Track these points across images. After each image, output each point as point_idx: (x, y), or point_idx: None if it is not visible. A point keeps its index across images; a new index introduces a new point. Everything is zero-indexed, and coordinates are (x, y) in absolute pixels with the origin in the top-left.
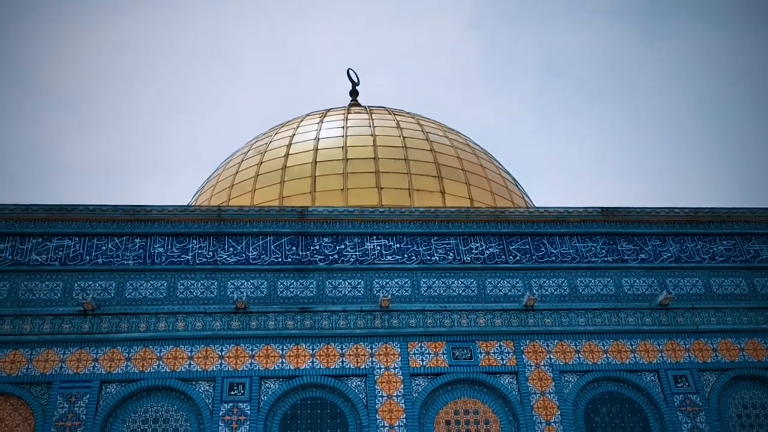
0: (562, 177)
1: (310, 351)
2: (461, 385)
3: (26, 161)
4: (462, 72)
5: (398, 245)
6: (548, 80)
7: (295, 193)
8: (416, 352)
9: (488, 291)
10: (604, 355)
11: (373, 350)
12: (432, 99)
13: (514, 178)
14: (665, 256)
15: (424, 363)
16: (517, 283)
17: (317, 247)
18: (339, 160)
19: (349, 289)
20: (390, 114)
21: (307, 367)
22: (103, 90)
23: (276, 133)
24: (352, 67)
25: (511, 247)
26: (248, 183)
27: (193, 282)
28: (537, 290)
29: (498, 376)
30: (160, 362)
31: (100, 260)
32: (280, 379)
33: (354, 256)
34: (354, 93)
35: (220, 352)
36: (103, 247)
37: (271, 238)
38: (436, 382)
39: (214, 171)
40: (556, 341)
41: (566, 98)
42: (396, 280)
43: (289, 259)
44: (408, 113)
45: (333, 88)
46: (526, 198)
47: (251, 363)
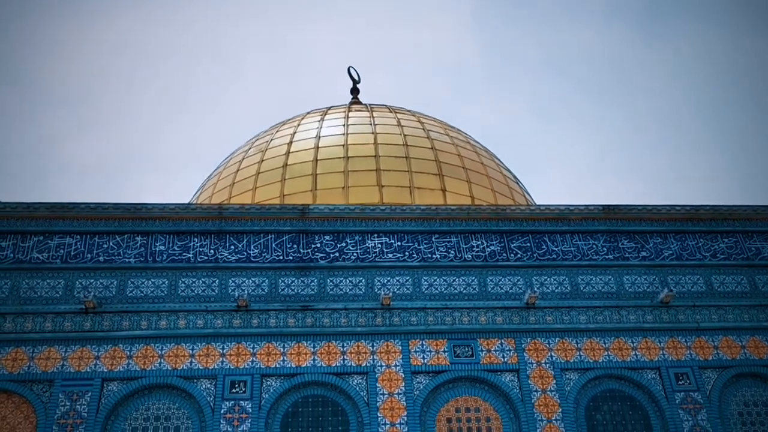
0: (563, 175)
1: (312, 349)
2: (462, 383)
3: (27, 160)
4: (463, 70)
5: (399, 243)
6: (549, 78)
7: (296, 191)
8: (417, 349)
9: (489, 289)
10: (606, 353)
11: (375, 348)
12: (433, 97)
13: (515, 176)
14: (666, 254)
15: (426, 361)
16: (519, 280)
17: (318, 245)
18: (340, 158)
19: (351, 287)
20: (391, 112)
21: (308, 364)
22: (103, 89)
23: (277, 131)
24: (353, 65)
25: (513, 245)
26: (249, 181)
27: (194, 280)
28: (538, 288)
29: (499, 373)
30: (162, 360)
31: (101, 258)
32: (282, 377)
33: (355, 254)
34: (355, 91)
35: (221, 350)
36: (105, 245)
37: (273, 236)
38: (438, 380)
39: (215, 169)
40: (557, 339)
41: (567, 97)
42: (397, 278)
43: (291, 257)
44: (409, 111)
45: (334, 87)
46: (527, 196)
47: (253, 361)
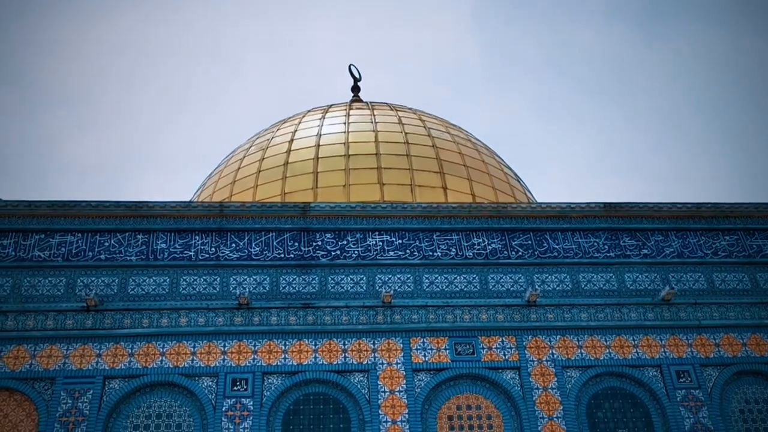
0: (564, 173)
1: (313, 346)
2: (463, 381)
3: (29, 159)
4: (464, 68)
5: (400, 241)
6: (550, 77)
7: (297, 189)
8: (419, 347)
9: (490, 286)
10: (607, 351)
11: (376, 346)
12: (434, 95)
13: (516, 174)
14: (668, 252)
15: (427, 358)
16: (520, 278)
17: (319, 243)
18: (341, 156)
19: (352, 285)
20: (392, 110)
21: (309, 362)
22: (104, 88)
23: (278, 130)
24: (353, 64)
25: (514, 243)
26: (250, 179)
27: (195, 278)
28: (539, 286)
29: (500, 371)
30: (163, 358)
31: (102, 256)
32: (283, 375)
33: (356, 252)
34: (356, 89)
35: (222, 348)
36: (106, 243)
37: (274, 233)
38: (439, 378)
39: (216, 167)
40: (558, 337)
41: (568, 95)
42: (398, 276)
43: (292, 255)
44: (410, 109)
45: (335, 85)
46: (528, 193)
47: (254, 358)
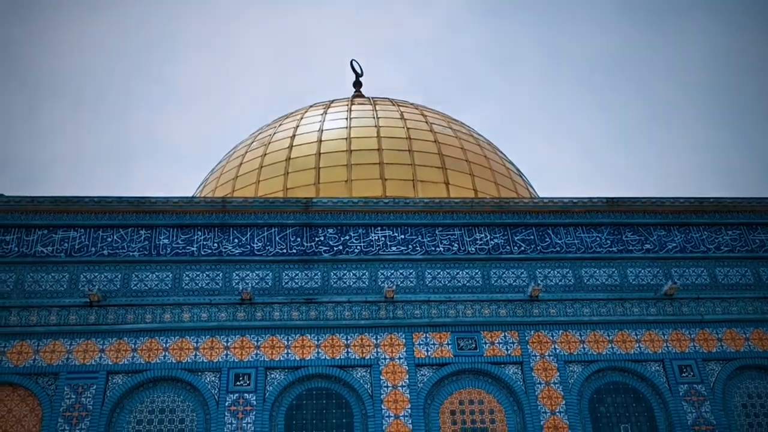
0: (566, 168)
1: (315, 342)
2: (466, 376)
3: (31, 153)
4: (466, 63)
5: (403, 236)
6: (552, 70)
7: (299, 184)
8: (421, 342)
9: (493, 281)
10: (609, 345)
11: (378, 341)
12: (436, 90)
13: (518, 169)
14: (670, 246)
15: (429, 353)
16: (522, 273)
17: (322, 238)
18: (343, 151)
19: (354, 280)
20: (394, 105)
21: (312, 357)
22: (107, 82)
23: (280, 125)
24: (355, 59)
25: (516, 238)
26: (252, 174)
27: (198, 273)
28: (542, 280)
29: (503, 366)
30: (166, 353)
31: (105, 252)
32: (286, 370)
33: (359, 247)
34: (358, 84)
35: (225, 343)
36: (109, 239)
37: (276, 229)
38: (441, 373)
39: (218, 163)
40: (560, 331)
41: (571, 89)
42: (401, 271)
43: (294, 251)
44: (412, 104)
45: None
46: (530, 189)
47: (257, 354)
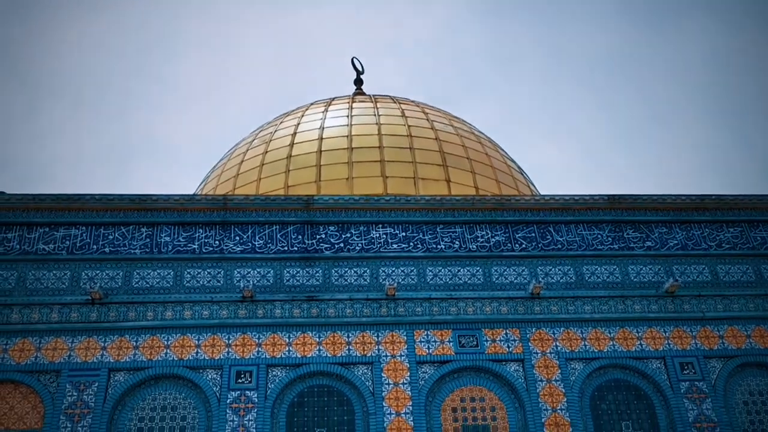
0: (567, 165)
1: (317, 339)
2: (467, 373)
3: (32, 153)
4: (467, 61)
5: (404, 234)
6: (553, 68)
7: (300, 182)
8: (422, 339)
9: (494, 279)
10: (611, 343)
11: (380, 338)
12: (437, 87)
13: (519, 167)
14: (672, 244)
15: (431, 351)
16: (523, 271)
17: (323, 236)
18: (344, 149)
19: (355, 278)
20: (395, 102)
21: (313, 355)
22: (107, 82)
23: (281, 123)
24: (356, 56)
25: (517, 235)
26: (253, 172)
27: (199, 271)
28: (543, 278)
29: (504, 363)
30: (168, 350)
31: (107, 249)
32: (287, 367)
33: (360, 245)
34: (359, 82)
35: (227, 341)
36: (110, 236)
37: (277, 226)
38: (443, 370)
39: (220, 161)
40: (562, 329)
41: (572, 87)
42: (402, 269)
43: (295, 248)
44: (413, 102)
45: (337, 78)
46: (531, 186)
47: (258, 351)
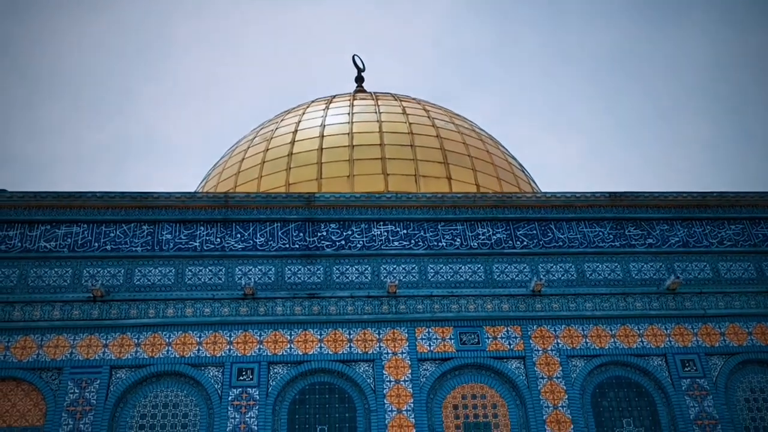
0: (568, 163)
1: (318, 336)
2: (469, 370)
3: (32, 151)
4: (468, 58)
5: (405, 231)
6: (554, 67)
7: (301, 179)
8: (424, 337)
9: (495, 276)
10: (612, 340)
11: (381, 335)
12: (438, 85)
13: (520, 164)
14: (673, 241)
15: (432, 348)
16: (525, 268)
17: (324, 233)
18: (345, 146)
19: (357, 275)
20: (396, 100)
21: (315, 352)
22: (109, 78)
23: (282, 120)
24: (357, 54)
25: (518, 233)
26: (254, 170)
27: (201, 268)
28: (544, 275)
29: (505, 360)
30: (170, 348)
31: (108, 247)
32: (289, 365)
33: (361, 242)
34: (360, 79)
35: (228, 338)
36: (112, 234)
37: (279, 224)
38: (444, 367)
39: (221, 158)
40: (563, 326)
41: (574, 84)
42: (403, 266)
43: (297, 246)
44: (414, 99)
45: (338, 76)
46: (532, 183)
47: (260, 348)
